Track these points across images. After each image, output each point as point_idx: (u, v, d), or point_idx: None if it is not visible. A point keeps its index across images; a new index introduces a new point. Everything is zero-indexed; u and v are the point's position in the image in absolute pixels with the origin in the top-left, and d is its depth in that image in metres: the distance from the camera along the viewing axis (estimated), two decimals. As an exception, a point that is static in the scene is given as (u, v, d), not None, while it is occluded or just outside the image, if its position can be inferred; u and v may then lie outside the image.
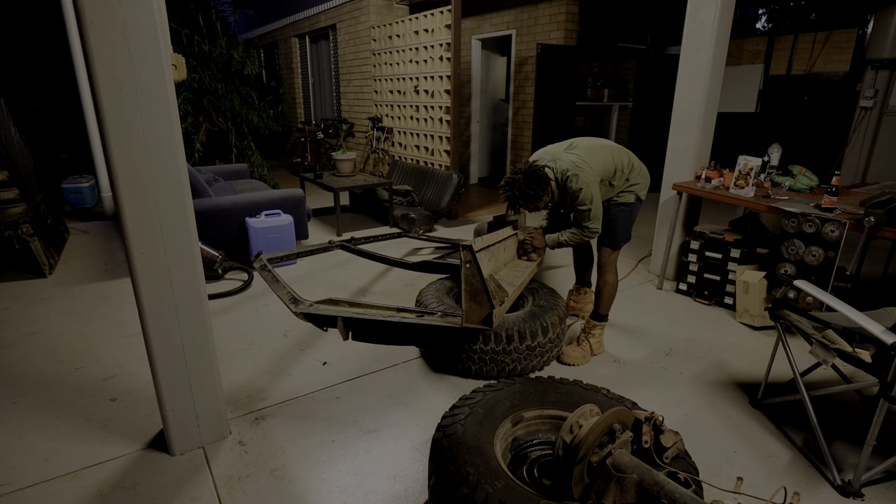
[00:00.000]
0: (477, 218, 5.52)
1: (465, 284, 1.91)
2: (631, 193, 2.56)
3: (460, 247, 1.90)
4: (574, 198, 2.38)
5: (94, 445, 1.95)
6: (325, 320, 1.95)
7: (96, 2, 1.42)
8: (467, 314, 1.94)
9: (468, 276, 1.90)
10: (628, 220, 2.61)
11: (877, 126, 5.08)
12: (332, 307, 2.02)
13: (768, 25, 6.25)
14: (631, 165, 2.54)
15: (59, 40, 5.01)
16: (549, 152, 2.49)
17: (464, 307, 1.93)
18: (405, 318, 1.94)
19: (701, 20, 3.29)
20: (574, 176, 2.34)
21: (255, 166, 6.89)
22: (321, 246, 3.19)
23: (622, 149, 2.58)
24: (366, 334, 1.97)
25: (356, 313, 1.92)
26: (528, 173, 2.32)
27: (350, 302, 2.07)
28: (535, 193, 2.33)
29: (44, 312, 3.09)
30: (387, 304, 2.06)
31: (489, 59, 7.42)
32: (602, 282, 2.65)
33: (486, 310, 1.94)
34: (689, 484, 1.22)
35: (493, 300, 1.92)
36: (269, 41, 10.24)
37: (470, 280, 1.90)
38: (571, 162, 2.37)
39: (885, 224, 2.40)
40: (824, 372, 2.42)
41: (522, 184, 2.31)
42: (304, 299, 2.06)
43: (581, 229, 2.46)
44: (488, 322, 1.96)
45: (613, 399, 1.72)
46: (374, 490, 1.75)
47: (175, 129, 1.62)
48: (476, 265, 1.88)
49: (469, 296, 1.92)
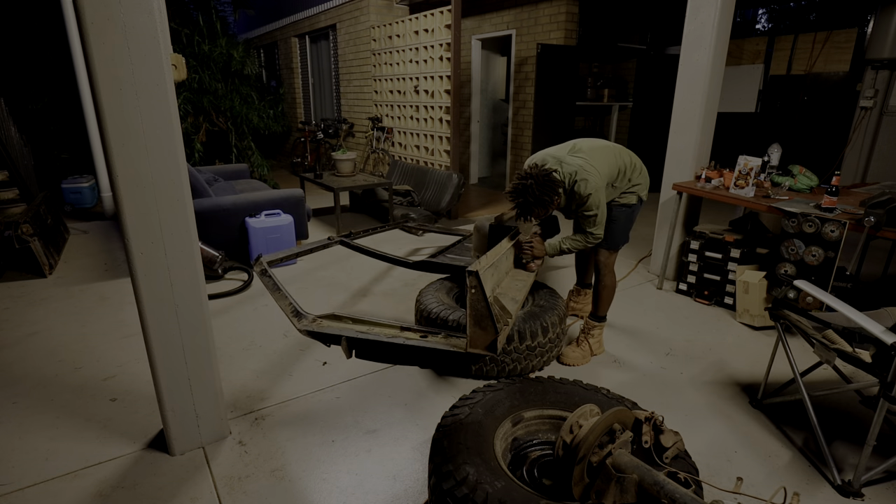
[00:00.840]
0: (476, 218, 5.52)
1: (471, 310, 1.90)
2: (633, 194, 2.53)
3: (465, 272, 1.89)
4: (581, 203, 2.32)
5: (94, 445, 1.95)
6: (328, 338, 1.94)
7: (96, 2, 1.42)
8: (472, 339, 1.94)
9: (473, 302, 1.89)
10: (628, 222, 2.58)
11: (877, 126, 5.08)
12: (335, 324, 2.01)
13: (768, 25, 6.25)
14: (633, 166, 2.51)
15: (59, 40, 5.01)
16: (552, 155, 2.40)
17: (469, 332, 1.93)
18: (409, 340, 1.93)
19: (701, 20, 3.29)
20: (583, 181, 2.28)
21: (255, 166, 6.89)
22: (321, 242, 3.19)
23: (623, 149, 2.55)
24: (369, 353, 1.96)
25: (360, 332, 1.91)
26: (541, 178, 2.21)
27: (353, 318, 2.06)
28: (550, 199, 2.24)
29: (44, 312, 3.09)
30: (390, 322, 2.04)
31: (489, 59, 7.42)
32: (601, 285, 2.62)
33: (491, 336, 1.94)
34: (689, 484, 1.22)
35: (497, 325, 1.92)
36: (269, 41, 10.24)
37: (475, 306, 1.89)
38: (579, 165, 2.30)
39: (885, 224, 2.40)
40: (824, 372, 2.42)
41: (536, 190, 2.20)
42: (307, 313, 2.05)
43: (584, 235, 2.41)
44: (493, 348, 1.96)
45: (613, 399, 1.72)
46: (374, 490, 1.75)
47: (175, 129, 1.62)
48: (481, 290, 1.88)
49: (474, 321, 1.91)
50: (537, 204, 2.23)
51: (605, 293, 2.63)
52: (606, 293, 2.63)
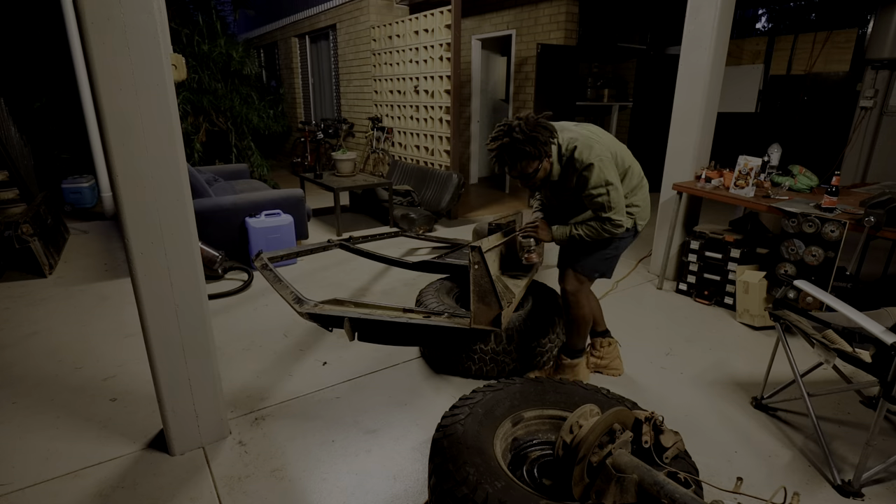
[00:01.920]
0: (477, 218, 5.52)
1: (474, 286, 1.89)
2: (627, 217, 2.07)
3: (469, 247, 1.88)
4: (583, 180, 1.90)
5: (94, 445, 1.95)
6: (330, 321, 1.94)
7: (96, 2, 1.42)
8: (476, 315, 1.93)
9: (477, 278, 1.88)
10: (613, 250, 2.13)
11: (877, 126, 5.08)
12: (337, 307, 2.02)
13: (768, 25, 6.25)
14: (634, 175, 2.10)
15: (59, 40, 5.00)
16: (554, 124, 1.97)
17: (472, 308, 1.92)
18: (412, 319, 1.93)
19: (701, 20, 3.29)
20: (586, 147, 1.87)
21: (255, 166, 6.89)
22: (320, 245, 3.19)
23: (632, 156, 2.14)
24: (372, 335, 1.96)
25: (363, 314, 1.92)
26: (530, 120, 1.82)
27: (355, 302, 2.07)
28: (532, 151, 1.81)
29: (44, 312, 3.09)
30: (392, 305, 2.06)
31: (489, 59, 7.42)
32: (569, 316, 2.21)
33: (495, 311, 1.93)
34: (689, 484, 1.22)
35: (501, 301, 1.91)
36: (269, 41, 10.23)
37: (479, 281, 1.89)
38: (581, 133, 1.94)
39: (885, 224, 2.40)
40: (824, 372, 2.41)
41: (519, 132, 1.80)
42: (308, 299, 2.06)
43: (601, 222, 1.97)
44: (497, 323, 1.95)
45: (613, 399, 1.72)
46: (374, 490, 1.75)
47: (175, 129, 1.62)
48: (485, 266, 1.87)
49: (478, 297, 1.91)
50: (513, 152, 1.83)
51: (574, 327, 2.23)
52: (576, 327, 2.23)
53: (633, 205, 2.11)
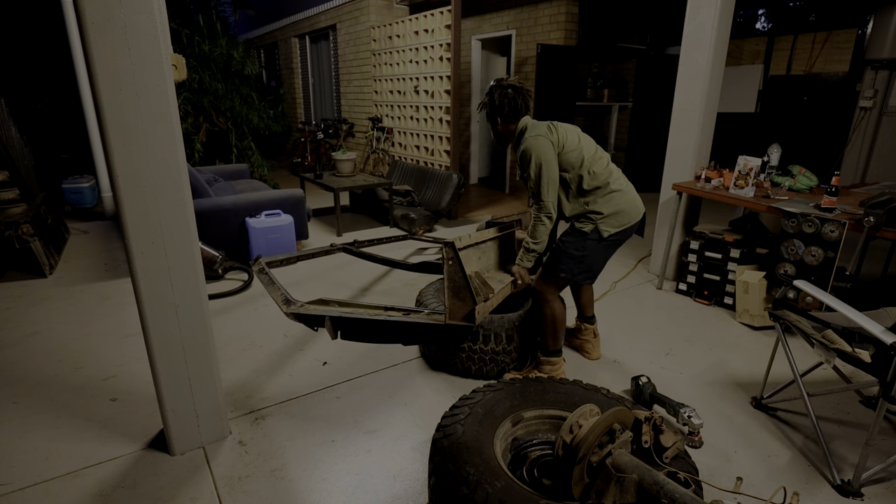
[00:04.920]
0: (477, 218, 5.52)
1: (448, 281, 1.91)
2: (589, 221, 2.12)
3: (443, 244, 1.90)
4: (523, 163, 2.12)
5: (95, 445, 1.95)
6: (314, 320, 1.95)
7: (96, 2, 1.42)
8: (450, 311, 1.94)
9: (450, 273, 1.90)
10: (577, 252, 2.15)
11: (876, 126, 5.08)
12: (321, 307, 2.02)
13: (768, 25, 6.25)
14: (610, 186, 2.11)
15: (60, 40, 5.01)
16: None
17: (447, 304, 1.93)
18: (391, 317, 1.94)
19: (701, 20, 3.29)
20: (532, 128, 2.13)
21: (255, 166, 6.89)
22: (322, 249, 3.19)
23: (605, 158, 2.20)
24: (354, 333, 1.97)
25: (343, 313, 1.92)
26: (518, 84, 2.16)
27: (340, 302, 2.07)
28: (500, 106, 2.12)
29: (44, 312, 3.09)
30: (376, 304, 2.06)
31: (489, 59, 7.42)
32: (537, 315, 2.30)
33: (469, 306, 1.94)
34: (688, 484, 1.22)
35: (475, 296, 1.92)
36: (269, 41, 10.24)
37: (452, 277, 1.91)
38: (535, 124, 2.15)
39: (884, 224, 2.40)
40: (824, 372, 2.42)
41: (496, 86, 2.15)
42: (295, 300, 2.06)
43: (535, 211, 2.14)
44: (471, 318, 1.96)
45: (613, 399, 1.72)
46: (374, 490, 1.75)
47: (175, 129, 1.62)
48: (458, 262, 1.89)
49: (451, 293, 1.92)
50: (495, 105, 2.16)
51: (542, 326, 2.28)
52: (544, 327, 2.28)
53: (595, 211, 2.13)
